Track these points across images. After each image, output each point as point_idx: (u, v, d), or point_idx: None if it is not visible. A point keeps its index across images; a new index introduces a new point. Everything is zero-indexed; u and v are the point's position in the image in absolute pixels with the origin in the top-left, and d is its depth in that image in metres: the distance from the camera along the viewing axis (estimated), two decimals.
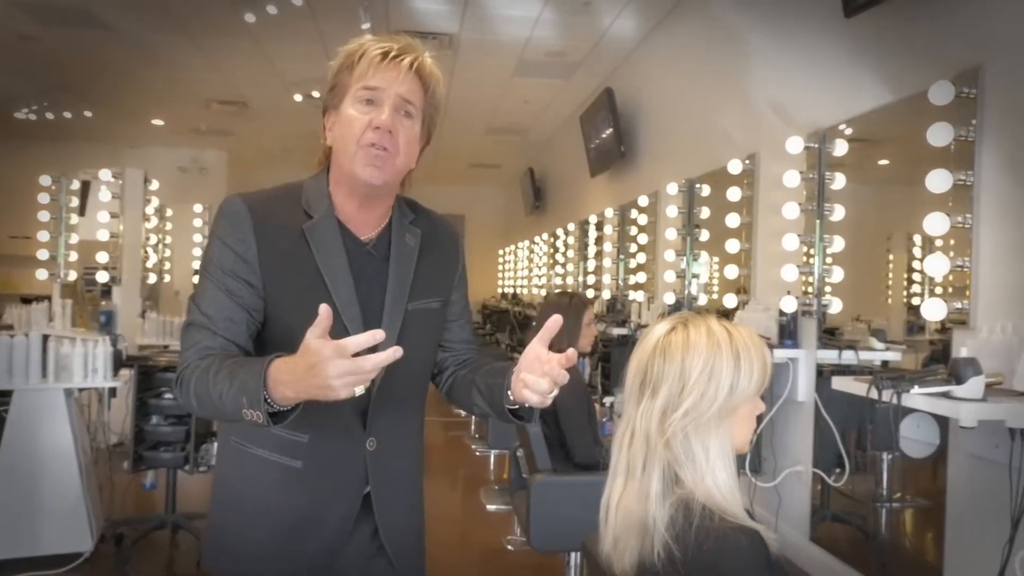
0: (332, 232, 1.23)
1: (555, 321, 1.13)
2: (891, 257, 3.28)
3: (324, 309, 0.97)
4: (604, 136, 6.43)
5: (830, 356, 3.27)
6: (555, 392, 1.11)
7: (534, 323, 3.27)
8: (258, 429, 1.10)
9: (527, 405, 1.15)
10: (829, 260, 3.40)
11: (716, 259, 4.55)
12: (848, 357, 3.16)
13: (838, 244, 3.36)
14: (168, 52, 6.56)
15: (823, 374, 3.30)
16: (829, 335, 3.38)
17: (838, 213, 3.36)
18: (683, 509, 1.08)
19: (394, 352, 0.98)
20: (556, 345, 3.09)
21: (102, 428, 3.55)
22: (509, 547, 3.00)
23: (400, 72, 1.19)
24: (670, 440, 1.12)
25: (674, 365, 1.13)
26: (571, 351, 1.11)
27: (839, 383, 2.58)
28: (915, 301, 2.99)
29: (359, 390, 0.98)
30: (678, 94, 5.35)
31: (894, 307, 3.21)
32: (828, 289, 3.38)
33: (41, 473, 3.14)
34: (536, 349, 1.12)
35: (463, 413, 5.00)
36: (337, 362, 0.94)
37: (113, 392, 3.43)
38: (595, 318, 3.17)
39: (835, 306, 3.33)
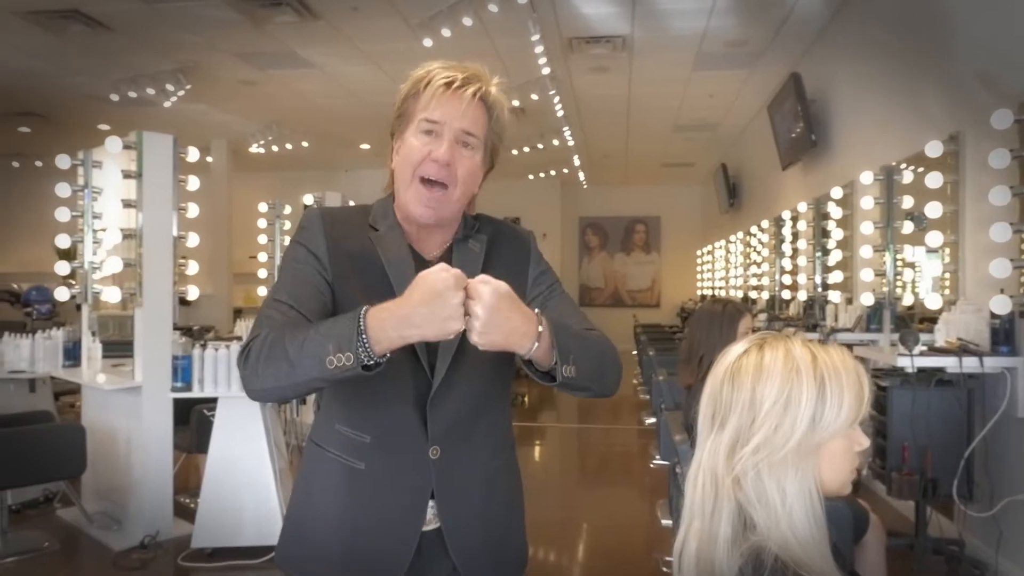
0: (398, 241, 1.25)
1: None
2: None
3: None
4: (793, 125, 5.97)
5: None
6: (479, 313, 1.01)
7: (683, 338, 3.06)
8: (344, 376, 1.03)
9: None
10: None
11: (939, 253, 3.98)
12: None
13: None
14: (363, 82, 7.12)
15: None
16: None
17: None
18: (753, 559, 0.95)
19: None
20: (708, 356, 2.87)
21: (294, 430, 3.90)
22: (664, 568, 2.85)
23: (463, 104, 1.18)
24: (740, 478, 0.98)
25: (743, 393, 0.99)
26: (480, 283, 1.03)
27: None
28: None
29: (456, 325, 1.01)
30: (872, 74, 4.81)
31: None
32: None
33: (242, 472, 3.50)
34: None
35: (654, 420, 4.88)
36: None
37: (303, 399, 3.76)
38: (784, 325, 2.93)
39: None
